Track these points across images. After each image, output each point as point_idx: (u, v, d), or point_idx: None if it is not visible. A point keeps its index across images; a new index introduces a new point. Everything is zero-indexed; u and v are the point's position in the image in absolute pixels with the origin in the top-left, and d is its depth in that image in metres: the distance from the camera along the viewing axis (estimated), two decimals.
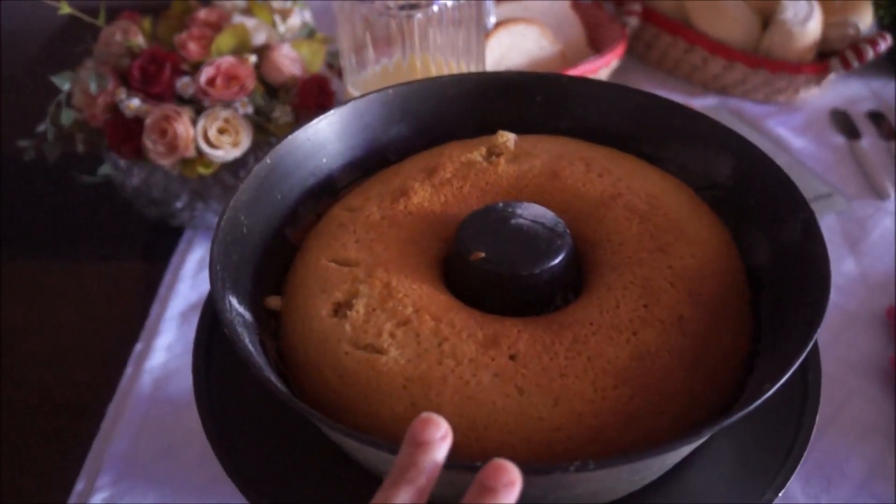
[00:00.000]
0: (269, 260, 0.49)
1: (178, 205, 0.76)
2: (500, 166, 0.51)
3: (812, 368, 0.46)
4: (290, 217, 0.52)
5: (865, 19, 0.94)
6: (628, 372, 0.39)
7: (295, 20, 0.83)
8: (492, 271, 0.43)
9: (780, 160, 0.86)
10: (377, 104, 0.55)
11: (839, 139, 0.91)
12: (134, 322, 0.73)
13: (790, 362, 0.36)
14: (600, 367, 0.39)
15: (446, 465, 0.31)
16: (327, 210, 0.52)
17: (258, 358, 0.40)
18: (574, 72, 0.86)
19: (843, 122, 0.93)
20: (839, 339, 0.67)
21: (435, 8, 0.62)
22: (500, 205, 0.46)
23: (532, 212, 0.46)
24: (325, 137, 0.53)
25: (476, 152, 0.52)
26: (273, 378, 0.38)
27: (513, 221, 0.45)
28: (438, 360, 0.40)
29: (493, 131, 0.56)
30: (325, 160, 0.53)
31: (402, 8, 0.63)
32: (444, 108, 0.56)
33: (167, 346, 0.70)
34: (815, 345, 0.47)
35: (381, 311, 0.42)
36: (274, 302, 0.47)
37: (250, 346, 0.40)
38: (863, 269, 0.74)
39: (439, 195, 0.50)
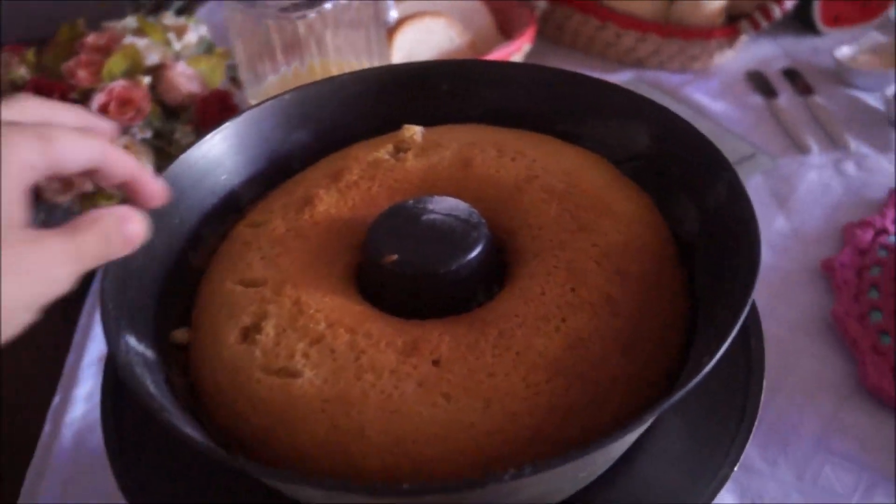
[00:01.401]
0: (173, 290, 0.45)
1: None
2: (408, 162, 0.48)
3: (754, 333, 0.45)
4: (193, 241, 0.48)
5: None
6: (561, 362, 0.36)
7: (191, 37, 0.80)
8: (406, 273, 0.40)
9: (702, 126, 0.85)
10: (274, 112, 0.52)
11: (757, 99, 0.91)
12: (50, 372, 0.69)
13: (727, 331, 0.33)
14: (530, 360, 0.36)
15: (378, 493, 0.28)
16: (231, 229, 0.49)
17: (162, 400, 0.37)
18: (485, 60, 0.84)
19: (760, 83, 0.93)
20: (779, 298, 0.66)
21: (328, 5, 0.59)
22: (410, 202, 0.43)
23: (444, 205, 0.43)
24: (221, 153, 0.50)
25: (382, 150, 0.49)
26: (177, 421, 0.35)
27: (424, 218, 0.42)
28: (357, 375, 0.37)
29: (400, 127, 0.53)
30: (224, 177, 0.50)
31: (294, 8, 0.59)
32: (345, 108, 0.54)
33: (86, 396, 0.65)
34: (754, 308, 0.45)
35: (291, 331, 0.39)
36: (180, 335, 0.44)
37: (152, 388, 0.37)
38: (794, 225, 0.73)
39: (346, 200, 0.47)
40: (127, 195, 0.36)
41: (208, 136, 0.49)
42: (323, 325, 0.39)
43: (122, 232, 0.34)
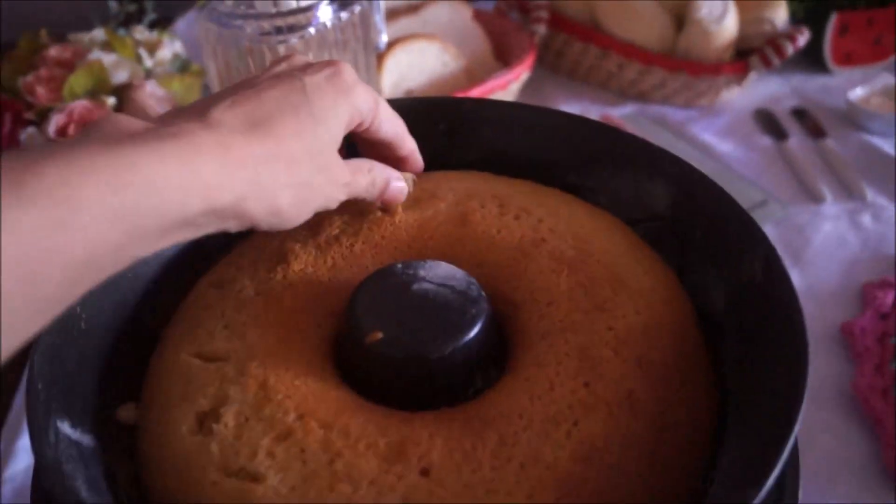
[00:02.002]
0: (122, 358, 0.39)
1: None
2: (397, 215, 0.42)
3: (790, 467, 0.38)
4: (149, 298, 0.42)
5: (780, 14, 0.89)
6: (573, 478, 0.30)
7: (164, 53, 0.73)
8: (393, 356, 0.34)
9: (708, 168, 0.80)
10: None
11: (766, 140, 0.86)
12: None
13: (765, 473, 0.28)
14: (537, 475, 0.30)
15: None
16: (194, 285, 0.43)
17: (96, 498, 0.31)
18: (482, 88, 0.79)
19: (769, 123, 0.88)
20: None
21: (312, 30, 0.53)
22: (399, 266, 0.38)
23: (438, 272, 0.37)
24: None
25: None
26: None
27: (415, 287, 0.37)
28: (330, 484, 0.31)
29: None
30: None
31: (277, 30, 0.54)
32: None
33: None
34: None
35: (255, 422, 0.33)
36: (126, 413, 0.37)
37: (83, 494, 0.31)
38: (809, 282, 0.68)
39: (325, 258, 0.41)
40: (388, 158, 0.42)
41: None
42: (293, 415, 0.33)
43: (386, 183, 0.40)
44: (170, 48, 0.73)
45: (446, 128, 0.48)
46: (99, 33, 0.72)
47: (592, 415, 0.32)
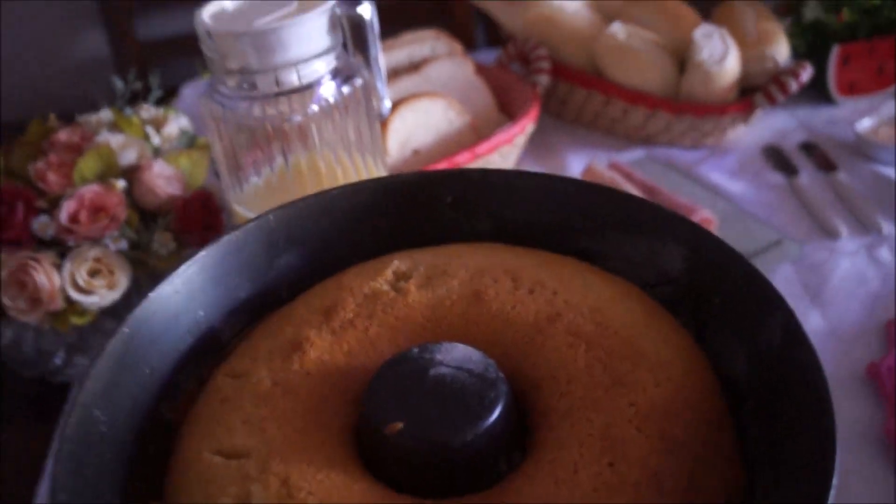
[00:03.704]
0: (144, 457, 0.39)
1: (57, 361, 0.66)
2: (410, 295, 0.42)
3: None
4: (167, 392, 0.42)
5: (782, 50, 0.89)
6: None
7: (171, 128, 0.74)
8: (414, 446, 0.34)
9: (720, 208, 0.80)
10: (256, 235, 0.46)
11: (777, 177, 0.86)
12: (23, 494, 0.62)
13: None
14: None
15: None
16: (211, 375, 0.42)
17: None
18: (488, 144, 0.79)
19: (778, 159, 0.88)
20: None
21: (315, 107, 0.54)
22: (416, 351, 0.37)
23: (455, 355, 0.37)
24: (197, 286, 0.44)
25: (381, 279, 0.44)
26: None
27: (432, 372, 0.36)
28: None
29: (402, 244, 0.47)
30: (201, 313, 0.44)
31: (278, 111, 0.54)
32: (337, 226, 0.48)
33: None
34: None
35: None
36: None
37: None
38: (830, 322, 0.67)
39: (341, 343, 0.41)
40: None
41: (181, 268, 0.43)
42: None
43: None
44: (176, 123, 0.74)
45: (454, 200, 0.48)
46: (106, 114, 0.73)
47: (619, 497, 0.32)
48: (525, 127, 0.84)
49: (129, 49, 1.43)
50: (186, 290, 0.43)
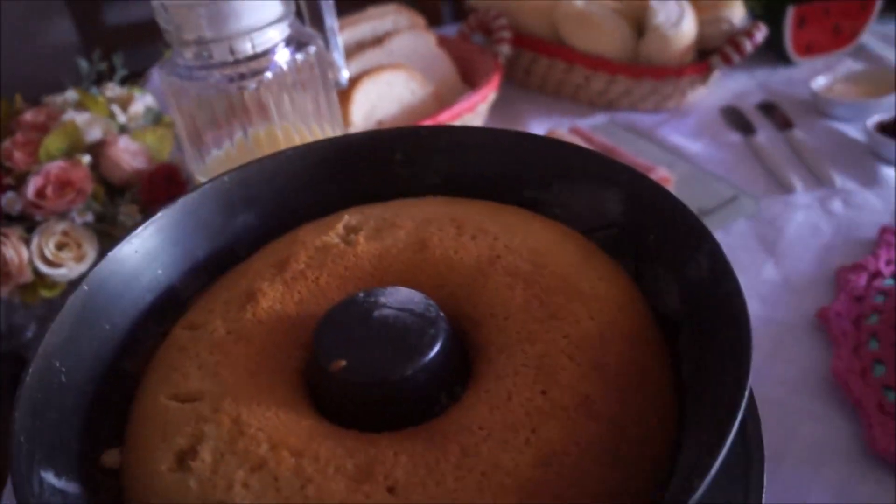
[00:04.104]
0: (105, 405, 0.41)
1: (28, 335, 0.67)
2: (359, 246, 0.44)
3: (750, 417, 0.40)
4: (128, 347, 0.44)
5: (737, 12, 0.91)
6: (533, 483, 0.32)
7: (137, 107, 0.75)
8: (357, 382, 0.36)
9: (680, 168, 0.82)
10: (212, 196, 0.47)
11: (735, 137, 0.87)
12: None
13: (718, 445, 0.29)
14: (498, 482, 0.32)
15: None
16: (170, 330, 0.44)
17: None
18: (450, 112, 0.81)
19: (736, 119, 0.90)
20: (774, 355, 0.62)
21: (269, 74, 0.55)
22: (361, 295, 0.39)
23: (398, 298, 0.39)
24: (155, 245, 0.45)
25: (332, 233, 0.45)
26: None
27: (376, 314, 0.38)
28: None
29: (354, 202, 0.49)
30: (160, 271, 0.45)
31: (231, 80, 0.55)
32: (292, 185, 0.49)
33: None
34: (750, 391, 0.41)
35: (230, 456, 0.34)
36: (111, 458, 0.39)
37: None
38: (784, 273, 0.69)
39: (292, 293, 0.42)
40: None
41: (139, 229, 0.45)
42: (265, 447, 0.34)
43: None
44: (142, 102, 0.75)
45: (403, 157, 0.50)
46: (72, 94, 0.74)
47: (550, 421, 0.34)
48: (487, 95, 0.85)
49: (97, 34, 1.43)
50: (145, 250, 0.45)
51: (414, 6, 1.01)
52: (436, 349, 0.36)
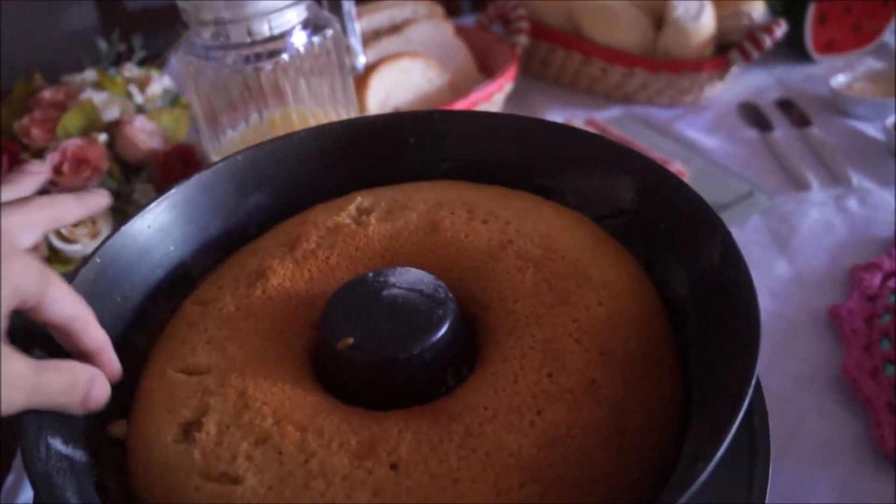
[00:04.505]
0: None
1: None
2: (370, 227, 0.44)
3: (757, 410, 0.40)
4: (138, 321, 0.44)
5: (757, 7, 0.90)
6: (536, 464, 0.32)
7: (155, 88, 0.76)
8: (364, 359, 0.36)
9: (695, 163, 0.82)
10: (226, 174, 0.48)
11: (751, 133, 0.87)
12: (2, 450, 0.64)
13: (724, 430, 0.29)
14: (501, 462, 0.32)
15: None
16: (181, 304, 0.44)
17: None
18: (466, 101, 0.81)
19: (753, 115, 0.89)
20: (783, 350, 0.61)
21: (285, 56, 0.55)
22: (370, 275, 0.39)
23: (407, 278, 0.39)
24: (168, 221, 0.46)
25: (343, 214, 0.45)
26: None
27: (385, 294, 0.38)
28: (305, 482, 0.32)
29: (367, 184, 0.49)
30: (172, 247, 0.46)
31: (247, 60, 0.56)
32: (305, 167, 0.50)
33: None
34: (758, 383, 0.41)
35: (235, 428, 0.35)
36: (117, 429, 0.39)
37: (72, 500, 0.32)
38: (797, 269, 0.69)
39: (302, 271, 0.42)
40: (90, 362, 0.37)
41: (153, 205, 0.45)
42: (270, 420, 0.35)
43: (86, 390, 0.35)
44: (159, 83, 0.76)
45: (417, 141, 0.50)
46: (90, 74, 0.74)
47: (555, 403, 0.34)
48: (503, 85, 0.85)
49: (117, 18, 1.44)
50: (158, 225, 0.45)
51: None
52: (443, 329, 0.36)
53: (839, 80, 0.89)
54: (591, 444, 0.33)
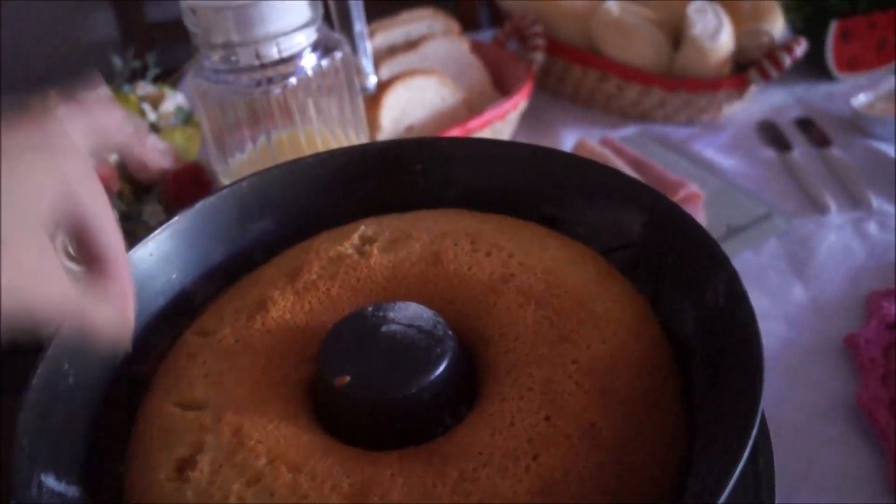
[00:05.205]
0: (112, 409, 0.41)
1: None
2: (373, 258, 0.43)
3: (763, 451, 0.39)
4: (139, 349, 0.44)
5: (777, 24, 0.89)
6: None
7: (168, 105, 0.76)
8: (360, 398, 0.35)
9: (711, 184, 0.81)
10: (230, 201, 0.47)
11: (770, 153, 0.85)
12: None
13: (726, 475, 0.28)
14: None
15: None
16: (182, 334, 0.44)
17: None
18: (480, 120, 0.80)
19: (772, 134, 0.88)
20: (797, 378, 0.60)
21: (294, 80, 0.55)
22: (370, 310, 0.39)
23: (407, 314, 0.38)
24: (171, 249, 0.45)
25: (347, 243, 0.45)
26: None
27: (384, 329, 0.38)
28: None
29: (373, 211, 0.49)
30: (175, 275, 0.46)
31: (257, 84, 0.55)
32: (311, 192, 0.49)
33: None
34: (763, 425, 0.40)
35: (228, 467, 0.34)
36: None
37: None
38: (813, 294, 0.67)
39: (303, 303, 0.42)
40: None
41: (155, 233, 0.45)
42: (263, 460, 0.34)
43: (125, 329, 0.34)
44: (172, 101, 0.76)
45: (423, 168, 0.49)
46: (104, 91, 0.74)
47: (552, 448, 0.33)
48: (518, 103, 0.85)
49: (137, 30, 1.45)
50: (160, 253, 0.45)
51: (451, 9, 1.00)
52: (441, 368, 0.36)
53: (860, 99, 0.87)
54: (588, 490, 0.32)
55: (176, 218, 0.46)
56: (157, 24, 1.48)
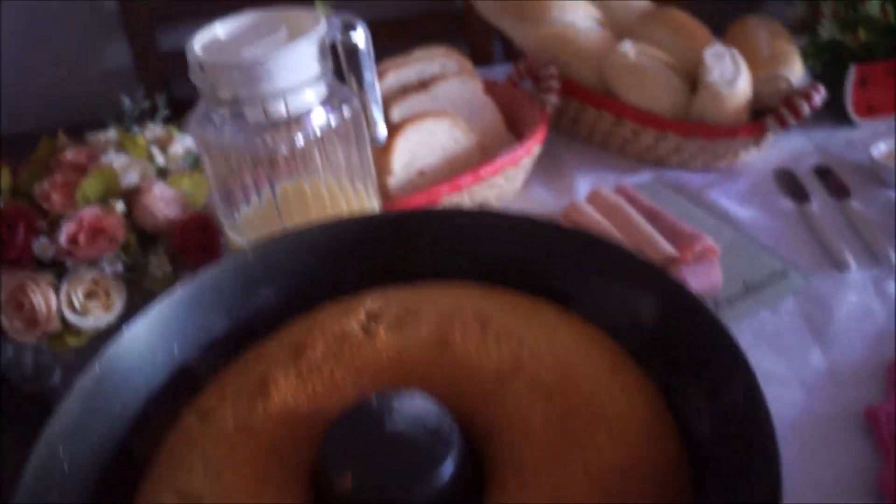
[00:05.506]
0: (110, 492, 0.40)
1: (55, 381, 0.67)
2: (378, 339, 0.42)
3: None
4: (138, 427, 0.43)
5: (796, 70, 0.87)
6: None
7: (176, 148, 0.75)
8: (361, 499, 0.34)
9: (726, 236, 0.79)
10: (232, 271, 0.46)
11: (787, 203, 0.84)
12: None
13: None
14: None
15: None
16: (182, 410, 0.43)
17: None
18: (493, 166, 0.79)
19: (790, 183, 0.86)
20: (813, 453, 0.58)
21: (301, 139, 0.54)
22: (374, 402, 0.37)
23: (412, 408, 0.37)
24: (172, 322, 0.44)
25: (352, 320, 0.44)
26: None
27: (388, 426, 0.36)
28: None
29: (379, 280, 0.47)
30: (176, 349, 0.45)
31: (263, 142, 0.54)
32: (315, 262, 0.48)
33: None
34: None
35: None
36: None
37: None
38: (831, 360, 0.65)
39: (307, 386, 0.41)
40: None
41: (155, 303, 0.44)
42: None
43: None
44: (181, 144, 0.75)
45: (431, 238, 0.48)
46: (114, 133, 0.74)
47: None
48: (531, 149, 0.83)
49: (151, 60, 1.45)
50: (161, 326, 0.44)
51: (465, 45, 0.99)
52: (446, 472, 0.34)
53: (881, 148, 0.86)
54: None
55: (178, 289, 0.45)
56: (170, 52, 1.48)
